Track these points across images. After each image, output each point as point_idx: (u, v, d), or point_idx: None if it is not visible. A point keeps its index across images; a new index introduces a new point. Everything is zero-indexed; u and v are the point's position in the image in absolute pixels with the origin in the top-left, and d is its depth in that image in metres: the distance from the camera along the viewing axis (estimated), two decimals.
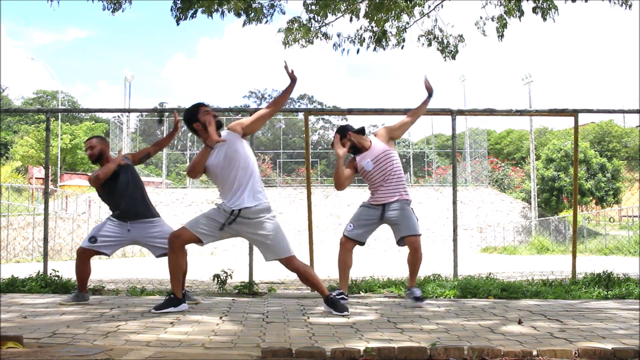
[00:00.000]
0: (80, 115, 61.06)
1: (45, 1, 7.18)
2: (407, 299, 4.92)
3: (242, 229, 4.25)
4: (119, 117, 39.41)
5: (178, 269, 4.32)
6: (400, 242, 4.91)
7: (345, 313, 4.16)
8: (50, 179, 17.42)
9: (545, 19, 8.20)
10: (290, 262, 4.24)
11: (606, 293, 5.53)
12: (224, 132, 4.39)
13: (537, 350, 2.84)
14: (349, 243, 4.96)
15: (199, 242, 4.25)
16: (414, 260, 4.89)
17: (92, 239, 4.88)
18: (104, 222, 5.03)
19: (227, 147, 4.25)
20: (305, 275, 4.30)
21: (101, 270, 12.41)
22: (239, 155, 4.24)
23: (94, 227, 5.07)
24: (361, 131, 5.00)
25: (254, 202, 4.21)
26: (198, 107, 4.37)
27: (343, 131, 4.96)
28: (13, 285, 5.79)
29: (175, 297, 4.31)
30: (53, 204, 25.41)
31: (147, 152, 5.30)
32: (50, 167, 16.77)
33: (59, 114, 39.84)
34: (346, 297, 4.83)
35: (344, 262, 4.97)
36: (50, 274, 6.04)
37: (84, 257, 4.92)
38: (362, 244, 5.00)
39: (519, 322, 3.82)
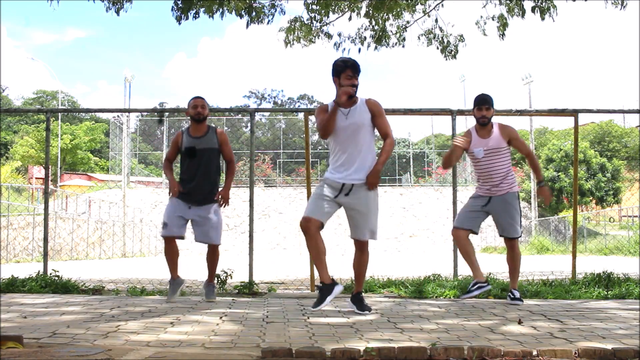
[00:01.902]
0: (80, 115, 61.09)
1: (45, 1, 7.19)
2: (507, 301, 4.95)
3: (351, 202, 4.29)
4: (119, 117, 39.41)
5: (320, 253, 4.25)
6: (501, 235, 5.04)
7: (367, 312, 4.21)
8: (50, 179, 17.43)
9: (543, 18, 8.19)
10: (365, 245, 4.34)
11: (606, 293, 5.53)
12: (359, 101, 4.36)
13: (537, 350, 2.84)
14: (458, 232, 5.00)
15: (322, 225, 4.27)
16: (511, 262, 5.03)
17: (165, 224, 5.02)
18: (170, 203, 5.12)
19: (357, 116, 4.29)
20: (362, 261, 4.37)
21: (101, 270, 12.42)
22: (364, 129, 4.29)
23: (165, 211, 5.14)
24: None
25: (363, 177, 4.29)
26: (345, 69, 4.26)
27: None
28: (13, 285, 5.79)
29: (325, 284, 4.23)
30: (53, 204, 25.42)
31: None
32: (50, 167, 16.77)
33: (59, 114, 39.83)
34: (484, 285, 4.88)
35: (465, 251, 4.97)
36: (50, 274, 6.04)
37: (166, 243, 5.07)
38: (474, 232, 5.01)
39: (519, 322, 3.82)
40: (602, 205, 32.71)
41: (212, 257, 5.21)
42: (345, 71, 4.24)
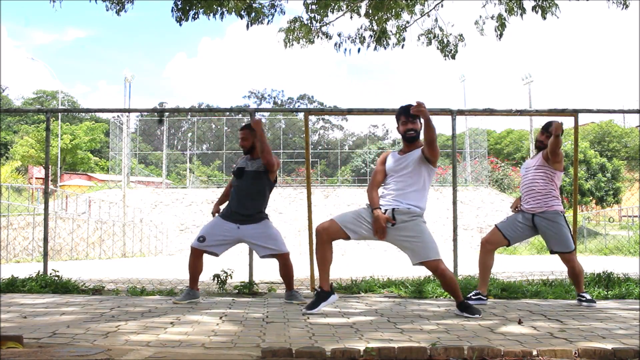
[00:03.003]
0: (80, 115, 61.07)
1: (45, 1, 7.20)
2: (579, 303, 4.95)
3: (391, 232, 4.25)
4: (119, 117, 39.40)
5: (325, 262, 4.28)
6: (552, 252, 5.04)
7: (477, 316, 4.14)
8: (50, 179, 17.43)
9: (545, 18, 8.19)
10: (437, 266, 4.18)
11: (606, 293, 5.53)
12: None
13: (537, 350, 2.84)
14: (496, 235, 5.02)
15: (346, 237, 4.27)
16: (571, 275, 5.05)
17: (201, 238, 4.97)
18: (213, 220, 5.10)
19: (409, 160, 4.35)
20: (449, 281, 4.24)
21: (101, 270, 12.42)
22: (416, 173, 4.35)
23: (205, 225, 5.12)
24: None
25: (405, 206, 4.27)
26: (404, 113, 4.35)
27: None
28: (13, 285, 5.79)
29: (323, 291, 4.26)
30: (53, 204, 25.41)
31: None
32: (50, 167, 16.78)
33: (59, 114, 39.83)
34: (484, 298, 4.91)
35: (483, 263, 5.03)
36: (50, 274, 6.03)
37: (194, 255, 5.03)
38: (508, 243, 5.03)
39: (519, 322, 3.82)
40: (602, 205, 32.72)
41: (285, 267, 5.07)
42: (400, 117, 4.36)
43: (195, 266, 5.03)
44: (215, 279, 5.96)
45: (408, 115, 4.28)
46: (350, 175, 50.89)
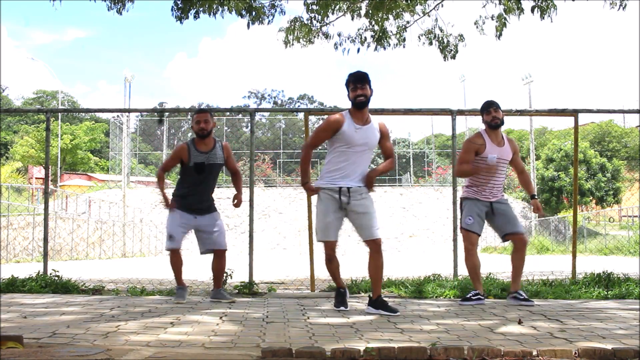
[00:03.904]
0: (80, 115, 61.07)
1: (45, 1, 7.21)
2: (510, 302, 4.93)
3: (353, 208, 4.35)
4: (119, 117, 39.41)
5: (334, 272, 4.61)
6: (504, 238, 5.08)
7: (397, 314, 4.22)
8: (50, 179, 17.43)
9: (543, 18, 8.19)
10: (375, 243, 4.36)
11: (606, 293, 5.52)
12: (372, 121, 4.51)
13: (537, 350, 2.84)
14: (473, 237, 5.01)
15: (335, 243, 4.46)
16: (520, 261, 5.05)
17: (171, 237, 5.03)
18: (173, 216, 5.10)
19: (372, 137, 4.42)
20: (378, 265, 4.38)
21: (101, 270, 12.42)
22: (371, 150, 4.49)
23: (167, 223, 5.14)
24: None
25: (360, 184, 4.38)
26: (354, 77, 4.41)
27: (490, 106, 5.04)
28: (13, 285, 5.79)
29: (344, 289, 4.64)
30: (53, 204, 25.41)
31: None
32: (50, 167, 16.77)
33: (59, 114, 39.81)
34: (482, 298, 4.91)
35: (473, 263, 5.02)
36: (50, 274, 6.03)
37: (175, 254, 5.09)
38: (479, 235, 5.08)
39: (519, 322, 3.82)
40: (602, 205, 32.70)
41: (221, 264, 5.20)
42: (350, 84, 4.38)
43: (179, 264, 5.11)
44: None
45: (357, 81, 4.33)
46: None
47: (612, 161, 34.13)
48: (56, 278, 5.95)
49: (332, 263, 4.54)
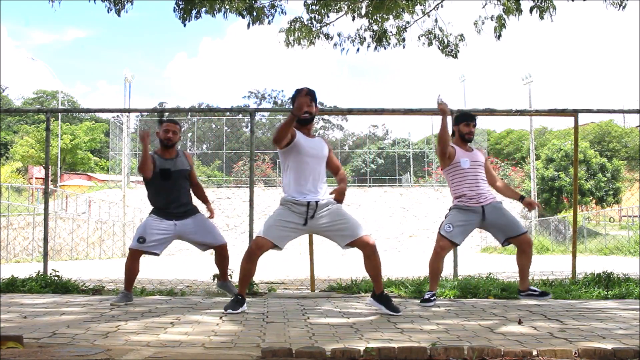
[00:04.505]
0: (80, 115, 61.10)
1: (45, 1, 7.20)
2: (526, 300, 5.03)
3: (319, 223, 4.27)
4: (119, 117, 39.41)
5: (249, 276, 4.36)
6: (507, 242, 5.06)
7: (400, 314, 4.19)
8: (50, 179, 17.43)
9: (542, 18, 8.19)
10: (365, 240, 4.28)
11: (606, 293, 5.52)
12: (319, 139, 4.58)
13: (537, 350, 2.84)
14: (447, 244, 5.01)
15: (276, 247, 4.26)
16: (527, 261, 5.12)
17: (141, 239, 4.88)
18: (148, 221, 4.98)
19: (322, 148, 4.46)
20: (376, 264, 4.33)
21: (101, 270, 12.42)
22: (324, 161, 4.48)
23: (140, 226, 5.01)
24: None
25: (325, 197, 4.34)
26: (300, 92, 4.53)
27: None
28: (13, 285, 5.79)
29: (242, 297, 4.37)
30: (53, 204, 25.42)
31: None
32: (50, 167, 16.78)
33: (59, 114, 39.82)
34: (433, 299, 4.89)
35: (438, 267, 5.01)
36: (50, 274, 6.04)
37: (133, 257, 4.94)
38: (457, 245, 5.10)
39: (519, 322, 3.82)
40: (602, 205, 32.70)
41: (221, 258, 5.16)
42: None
43: (133, 268, 4.94)
44: (215, 279, 5.96)
45: (310, 98, 4.49)
46: (350, 175, 50.90)
47: (612, 161, 34.13)
48: (56, 278, 5.95)
49: (253, 263, 4.27)
